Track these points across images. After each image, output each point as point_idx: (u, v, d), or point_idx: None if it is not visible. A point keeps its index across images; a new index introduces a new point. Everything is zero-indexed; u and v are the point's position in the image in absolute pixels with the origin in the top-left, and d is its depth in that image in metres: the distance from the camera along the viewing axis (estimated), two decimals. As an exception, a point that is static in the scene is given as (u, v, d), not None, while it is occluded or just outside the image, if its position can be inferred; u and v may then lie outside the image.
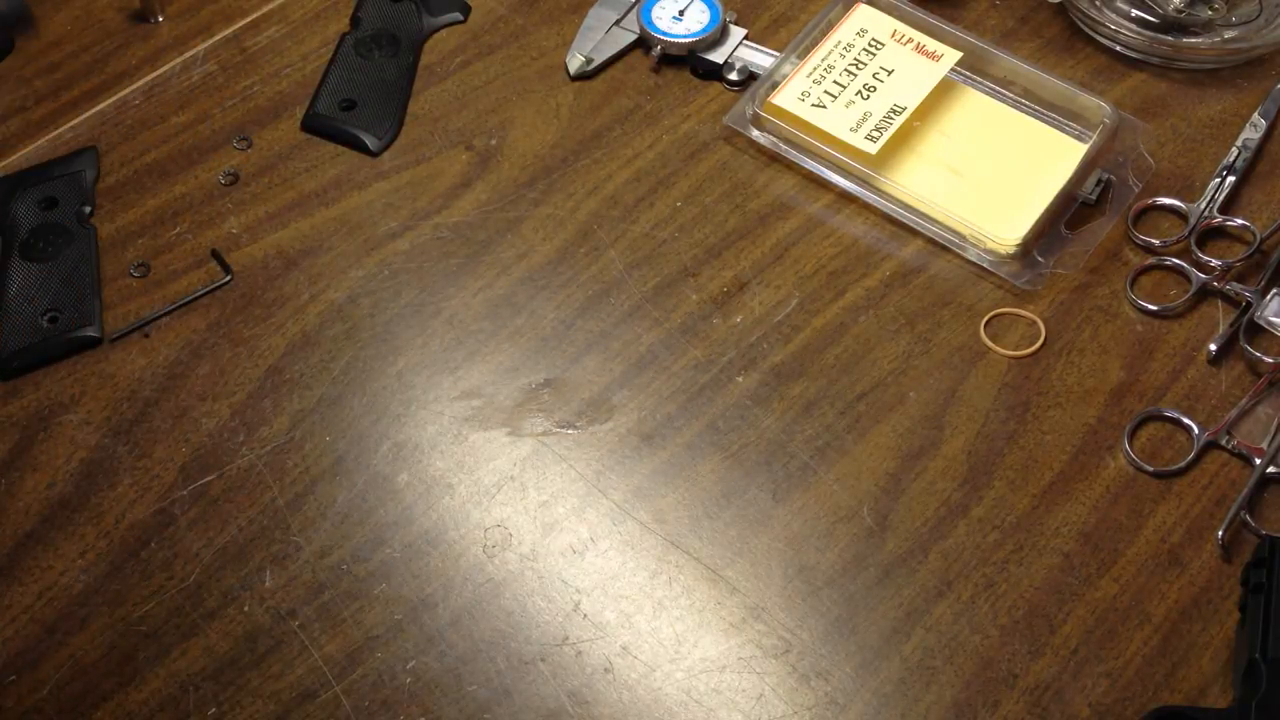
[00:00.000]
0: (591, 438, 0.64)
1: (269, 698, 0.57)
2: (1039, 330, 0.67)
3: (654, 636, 0.59)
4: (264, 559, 0.61)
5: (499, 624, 0.59)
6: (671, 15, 0.77)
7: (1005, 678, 0.57)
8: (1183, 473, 0.63)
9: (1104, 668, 0.57)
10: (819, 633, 0.59)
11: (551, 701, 0.57)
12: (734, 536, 0.61)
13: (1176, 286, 0.69)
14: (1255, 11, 0.78)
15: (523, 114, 0.76)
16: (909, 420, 0.64)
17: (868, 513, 0.62)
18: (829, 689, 0.57)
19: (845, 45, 0.76)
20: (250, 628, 0.59)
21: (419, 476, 0.63)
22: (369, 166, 0.75)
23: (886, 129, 0.72)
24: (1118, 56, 0.78)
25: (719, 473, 0.63)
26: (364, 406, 0.65)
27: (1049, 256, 0.69)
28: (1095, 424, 0.64)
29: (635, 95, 0.77)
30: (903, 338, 0.67)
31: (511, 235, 0.71)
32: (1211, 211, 0.71)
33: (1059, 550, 0.60)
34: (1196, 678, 0.57)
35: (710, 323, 0.68)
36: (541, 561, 0.61)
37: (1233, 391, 0.65)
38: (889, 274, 0.69)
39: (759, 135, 0.74)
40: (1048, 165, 0.71)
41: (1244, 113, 0.75)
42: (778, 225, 0.71)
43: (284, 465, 0.63)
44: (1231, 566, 0.60)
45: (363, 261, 0.70)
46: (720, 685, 0.57)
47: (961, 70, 0.75)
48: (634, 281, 0.69)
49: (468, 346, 0.67)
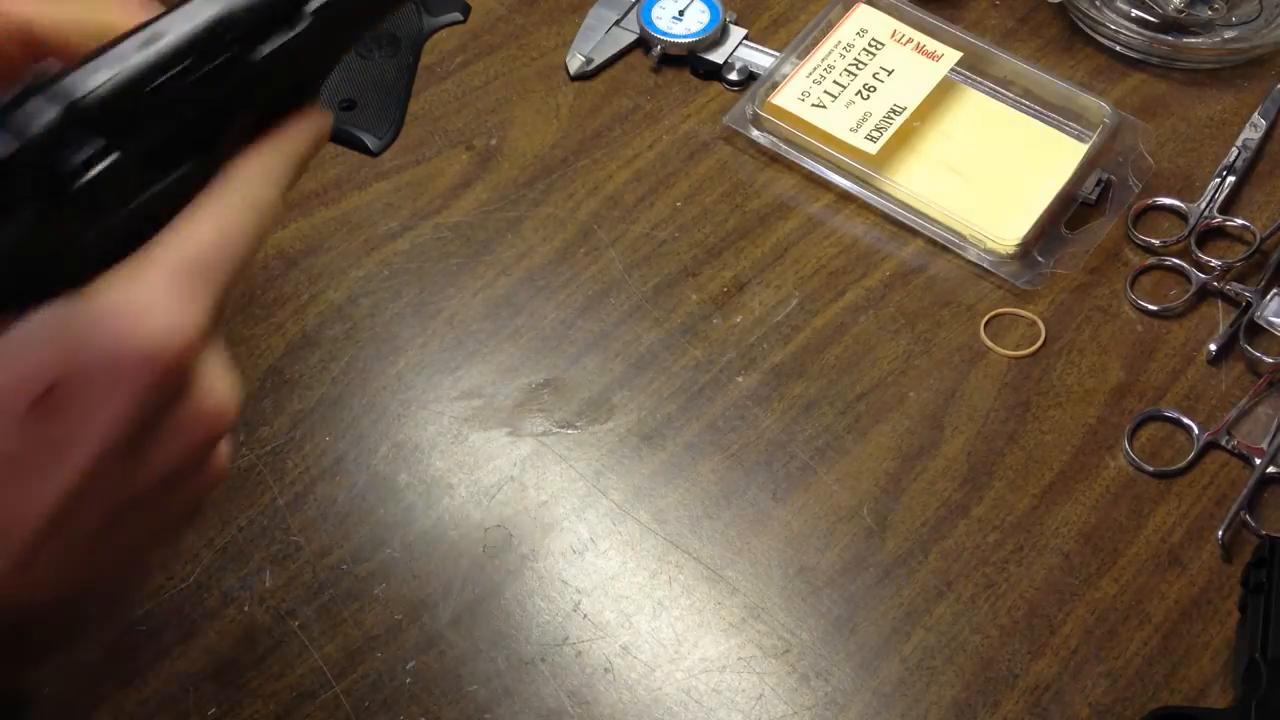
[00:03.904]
0: (591, 438, 0.64)
1: (269, 698, 0.57)
2: (1039, 330, 0.67)
3: (654, 636, 0.59)
4: (264, 559, 0.61)
5: (499, 624, 0.59)
6: (671, 15, 0.77)
7: (1005, 678, 0.57)
8: (1183, 473, 0.63)
9: (1104, 668, 0.57)
10: (819, 633, 0.59)
11: (551, 701, 0.57)
12: (734, 536, 0.61)
13: (1176, 286, 0.69)
14: (1255, 11, 0.78)
15: (523, 114, 0.76)
16: (909, 420, 0.64)
17: (868, 513, 0.62)
18: (829, 689, 0.57)
19: (845, 45, 0.76)
20: (250, 628, 0.59)
21: (419, 476, 0.63)
22: (369, 166, 0.75)
23: (886, 129, 0.72)
24: (1118, 56, 0.78)
25: (719, 473, 0.63)
26: (364, 406, 0.65)
27: (1049, 256, 0.69)
28: (1095, 424, 0.64)
29: (635, 95, 0.77)
30: (903, 338, 0.67)
31: (511, 235, 0.71)
32: (1211, 211, 0.71)
33: (1059, 550, 0.60)
34: (1196, 678, 0.57)
35: (710, 323, 0.68)
36: (541, 561, 0.61)
37: (1233, 391, 0.65)
38: (889, 274, 0.69)
39: (759, 135, 0.74)
40: (1048, 165, 0.71)
41: (1244, 113, 0.75)
42: (778, 225, 0.71)
43: (284, 465, 0.63)
44: (1231, 566, 0.60)
45: (363, 261, 0.70)
46: (720, 685, 0.57)
47: (961, 70, 0.75)
48: (634, 281, 0.69)
49: (468, 346, 0.67)
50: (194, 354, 0.36)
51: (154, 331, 0.35)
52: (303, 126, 0.39)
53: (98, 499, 0.35)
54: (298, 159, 0.39)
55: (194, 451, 0.38)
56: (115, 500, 0.36)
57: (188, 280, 0.36)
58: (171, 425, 0.37)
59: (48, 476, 0.34)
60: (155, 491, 0.37)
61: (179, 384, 0.36)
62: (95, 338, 0.34)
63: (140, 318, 0.35)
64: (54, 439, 0.34)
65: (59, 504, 0.35)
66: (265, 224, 0.38)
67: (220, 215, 0.37)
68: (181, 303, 0.36)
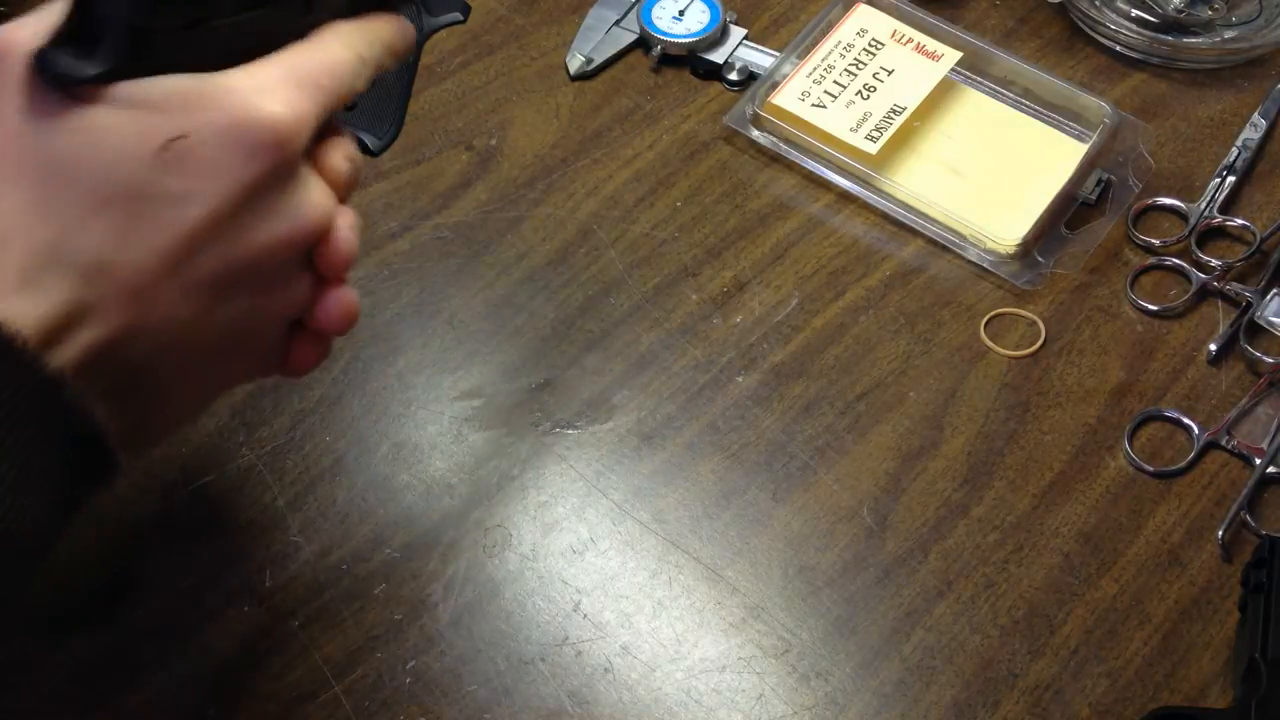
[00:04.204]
0: (591, 438, 0.64)
1: (269, 698, 0.57)
2: (1039, 330, 0.67)
3: (654, 636, 0.59)
4: (264, 559, 0.61)
5: (499, 624, 0.59)
6: (671, 15, 0.77)
7: (1005, 678, 0.57)
8: (1183, 473, 0.63)
9: (1104, 668, 0.57)
10: (819, 633, 0.59)
11: (551, 701, 0.57)
12: (734, 536, 0.61)
13: (1176, 286, 0.69)
14: (1255, 11, 0.78)
15: (523, 114, 0.76)
16: (909, 420, 0.64)
17: (868, 513, 0.62)
18: (829, 689, 0.57)
19: (845, 45, 0.76)
20: (250, 628, 0.59)
21: (419, 476, 0.63)
22: (369, 166, 0.74)
23: (886, 129, 0.72)
24: (1118, 56, 0.78)
25: (719, 473, 0.63)
26: (364, 406, 0.65)
27: (1049, 256, 0.69)
28: (1095, 424, 0.64)
29: (635, 95, 0.77)
30: (903, 338, 0.67)
31: (511, 235, 0.71)
32: (1211, 211, 0.71)
33: (1059, 550, 0.60)
34: (1196, 678, 0.57)
35: (710, 323, 0.68)
36: (541, 561, 0.61)
37: (1233, 391, 0.65)
38: (889, 274, 0.69)
39: (759, 135, 0.74)
40: (1048, 165, 0.71)
41: (1244, 113, 0.75)
42: (778, 225, 0.71)
43: (284, 465, 0.63)
44: (1231, 566, 0.60)
45: (363, 261, 0.70)
46: (720, 685, 0.57)
47: (961, 70, 0.75)
48: (634, 281, 0.69)
49: (468, 346, 0.67)
50: (300, 140, 0.41)
51: (271, 109, 0.40)
52: (392, 23, 0.47)
53: (211, 253, 0.40)
54: (385, 45, 0.46)
55: (292, 244, 0.42)
56: (225, 262, 0.40)
57: (299, 82, 0.41)
58: (277, 207, 0.41)
59: (171, 217, 0.39)
60: (258, 272, 0.42)
61: (286, 166, 0.41)
62: (220, 104, 0.39)
63: (260, 96, 0.40)
64: (178, 186, 0.39)
65: (180, 244, 0.39)
66: (356, 73, 0.44)
67: (327, 48, 0.43)
68: (293, 94, 0.41)
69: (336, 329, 0.46)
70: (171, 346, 0.41)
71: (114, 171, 0.38)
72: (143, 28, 0.38)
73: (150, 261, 0.39)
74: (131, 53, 0.39)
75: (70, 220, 0.38)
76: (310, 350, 0.47)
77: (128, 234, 0.38)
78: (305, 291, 0.45)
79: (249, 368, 0.47)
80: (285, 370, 0.48)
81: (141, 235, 0.39)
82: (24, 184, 0.38)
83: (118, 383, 0.40)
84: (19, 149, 0.38)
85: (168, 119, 0.39)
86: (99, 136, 0.38)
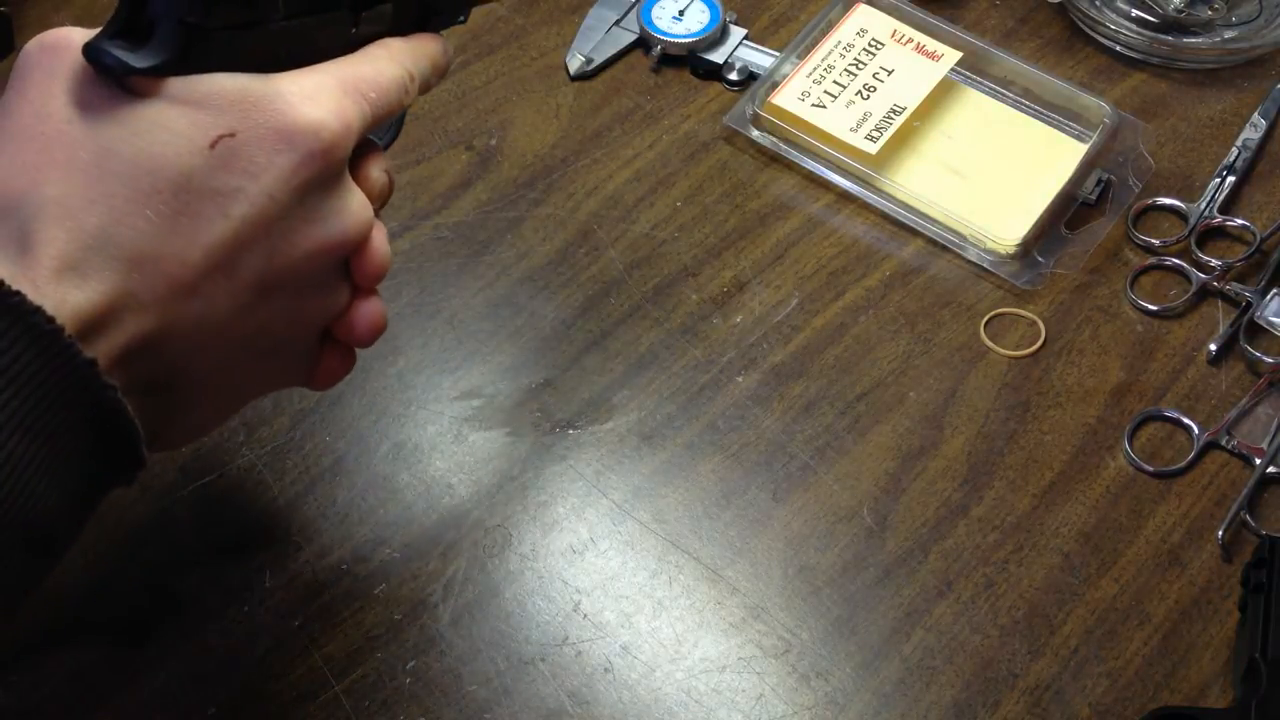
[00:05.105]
0: (591, 438, 0.64)
1: (269, 698, 0.57)
2: (1039, 330, 0.67)
3: (654, 636, 0.59)
4: (264, 559, 0.61)
5: (499, 624, 0.59)
6: (671, 15, 0.77)
7: (1005, 678, 0.57)
8: (1183, 473, 0.63)
9: (1104, 668, 0.57)
10: (819, 633, 0.59)
11: (551, 701, 0.57)
12: (734, 536, 0.61)
13: (1176, 286, 0.69)
14: (1255, 11, 0.78)
15: (523, 114, 0.76)
16: (909, 420, 0.64)
17: (868, 513, 0.62)
18: (829, 689, 0.57)
19: (845, 45, 0.76)
20: (250, 628, 0.59)
21: (419, 476, 0.63)
22: (369, 166, 0.74)
23: (886, 129, 0.72)
24: (1118, 56, 0.78)
25: (719, 473, 0.63)
26: (364, 406, 0.65)
27: (1049, 256, 0.69)
28: (1095, 424, 0.64)
29: (635, 95, 0.77)
30: (903, 338, 0.67)
31: (511, 235, 0.71)
32: (1211, 211, 0.71)
33: (1059, 550, 0.60)
34: (1196, 678, 0.57)
35: (710, 323, 0.68)
36: (541, 561, 0.61)
37: (1233, 391, 0.65)
38: (889, 274, 0.69)
39: (759, 135, 0.74)
40: (1048, 165, 0.72)
41: (1244, 113, 0.75)
42: (778, 225, 0.71)
43: (284, 465, 0.63)
44: (1231, 566, 0.60)
45: (363, 261, 0.70)
46: (720, 685, 0.57)
47: (961, 70, 0.75)
48: (634, 281, 0.69)
49: (468, 346, 0.67)
50: (345, 149, 0.42)
51: (318, 116, 0.41)
52: (437, 44, 0.48)
53: (254, 253, 0.41)
54: (432, 64, 0.48)
55: (333, 250, 0.43)
56: (268, 262, 0.41)
57: (346, 92, 0.42)
58: (321, 213, 0.42)
59: (218, 213, 0.39)
60: (298, 276, 0.42)
61: (331, 173, 0.42)
62: (270, 107, 0.40)
63: (308, 103, 0.41)
64: (225, 183, 0.39)
65: (225, 241, 0.40)
66: (404, 88, 0.45)
67: (376, 62, 0.44)
68: (341, 103, 0.42)
69: (364, 340, 0.47)
70: (208, 347, 0.41)
71: (162, 164, 0.38)
72: (194, 25, 0.39)
73: (195, 255, 0.39)
74: (182, 49, 0.39)
75: (118, 210, 0.38)
76: (338, 363, 0.48)
77: (175, 226, 0.39)
78: (341, 300, 0.45)
79: (278, 376, 0.47)
80: (312, 382, 0.48)
81: (188, 228, 0.39)
82: (73, 173, 0.38)
83: (152, 380, 0.40)
84: (69, 139, 0.38)
85: (217, 116, 0.39)
86: (148, 129, 0.39)
